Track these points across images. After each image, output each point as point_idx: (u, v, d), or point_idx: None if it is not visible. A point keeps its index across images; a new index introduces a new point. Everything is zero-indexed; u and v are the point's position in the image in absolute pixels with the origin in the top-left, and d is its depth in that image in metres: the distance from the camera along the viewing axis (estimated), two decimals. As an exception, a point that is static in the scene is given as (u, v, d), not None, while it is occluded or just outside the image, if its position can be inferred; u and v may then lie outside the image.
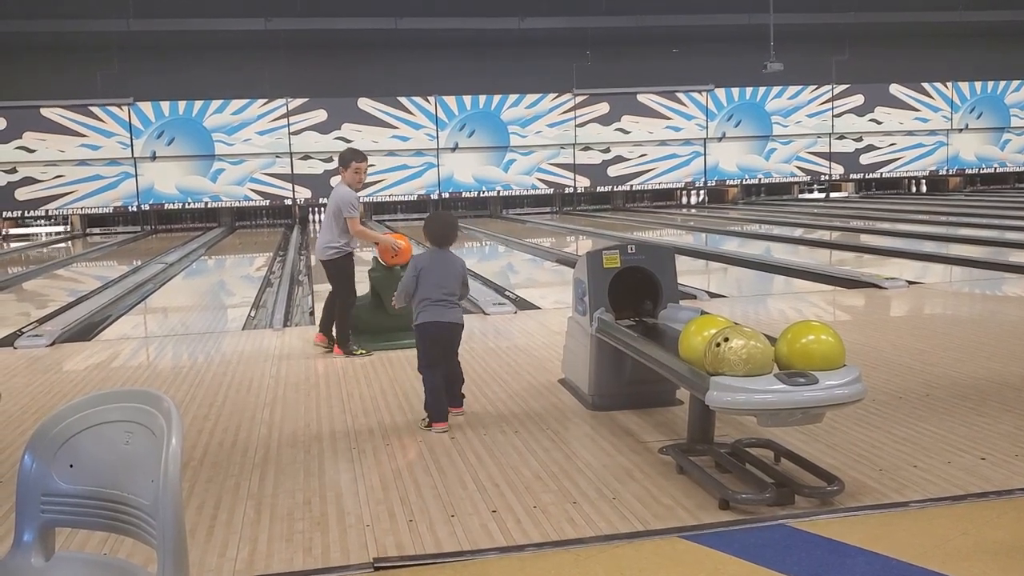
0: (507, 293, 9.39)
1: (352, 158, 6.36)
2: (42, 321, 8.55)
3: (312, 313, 8.76)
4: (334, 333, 6.48)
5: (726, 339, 3.23)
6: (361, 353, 6.32)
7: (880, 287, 8.52)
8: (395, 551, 3.10)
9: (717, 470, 3.66)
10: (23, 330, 7.96)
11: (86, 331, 8.15)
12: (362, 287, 6.65)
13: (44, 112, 20.64)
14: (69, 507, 1.89)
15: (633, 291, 4.84)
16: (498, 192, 23.08)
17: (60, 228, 21.49)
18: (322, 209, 22.29)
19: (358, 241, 6.42)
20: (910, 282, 8.81)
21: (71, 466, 1.89)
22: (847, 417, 4.27)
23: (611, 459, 3.95)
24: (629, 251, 4.79)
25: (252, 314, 8.95)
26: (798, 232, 15.77)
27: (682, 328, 4.33)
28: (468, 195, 22.98)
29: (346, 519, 3.39)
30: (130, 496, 1.82)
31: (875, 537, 3.05)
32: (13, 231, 21.19)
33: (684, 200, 24.43)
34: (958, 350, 5.84)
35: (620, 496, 3.50)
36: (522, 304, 8.57)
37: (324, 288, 7.02)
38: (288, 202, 22.03)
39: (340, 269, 6.32)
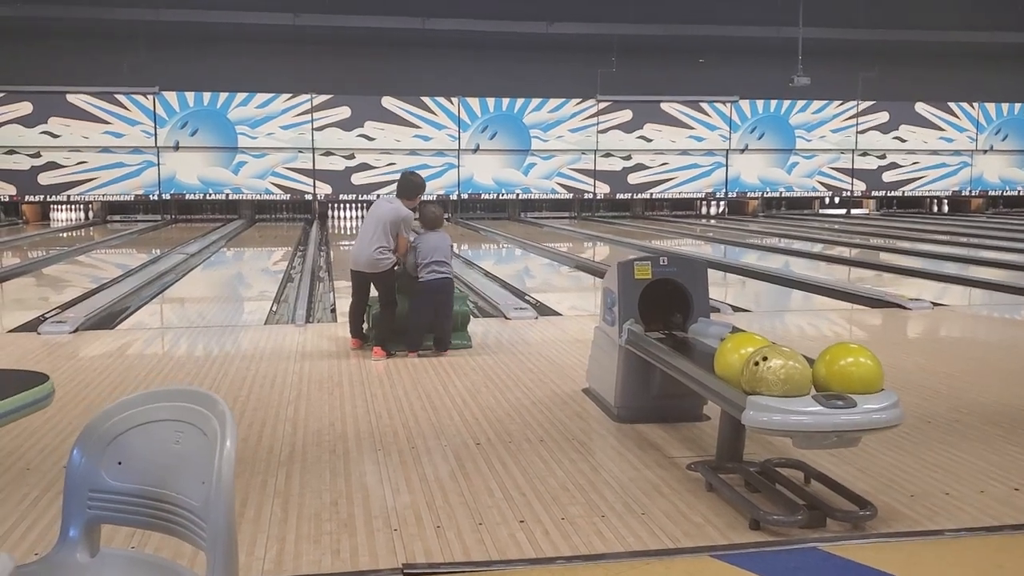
0: (527, 297, 9.37)
1: (422, 191, 6.46)
2: (64, 307, 8.59)
3: (334, 311, 8.77)
4: (372, 334, 6.45)
5: (764, 358, 3.20)
6: (400, 353, 6.32)
7: (904, 307, 8.45)
8: (423, 557, 3.09)
9: (746, 489, 3.63)
10: (46, 316, 7.99)
11: (108, 319, 8.19)
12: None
13: (70, 98, 20.79)
14: (116, 504, 1.88)
15: (662, 303, 4.81)
16: (517, 195, 23.08)
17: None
18: (344, 205, 22.37)
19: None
20: (934, 303, 8.73)
21: (119, 463, 1.88)
22: (876, 440, 4.22)
23: (638, 473, 3.92)
24: (661, 263, 4.76)
25: (274, 309, 8.97)
26: (818, 247, 15.68)
27: (712, 343, 4.33)
28: (487, 197, 22.99)
29: (373, 522, 3.38)
30: (178, 496, 1.81)
31: (908, 565, 3.02)
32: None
33: (704, 211, 24.37)
34: (986, 375, 5.78)
35: (649, 512, 3.48)
36: (542, 309, 8.54)
37: (344, 285, 7.02)
38: (308, 197, 22.10)
39: (390, 278, 6.34)
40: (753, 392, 3.21)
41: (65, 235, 18.82)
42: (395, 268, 6.37)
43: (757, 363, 3.21)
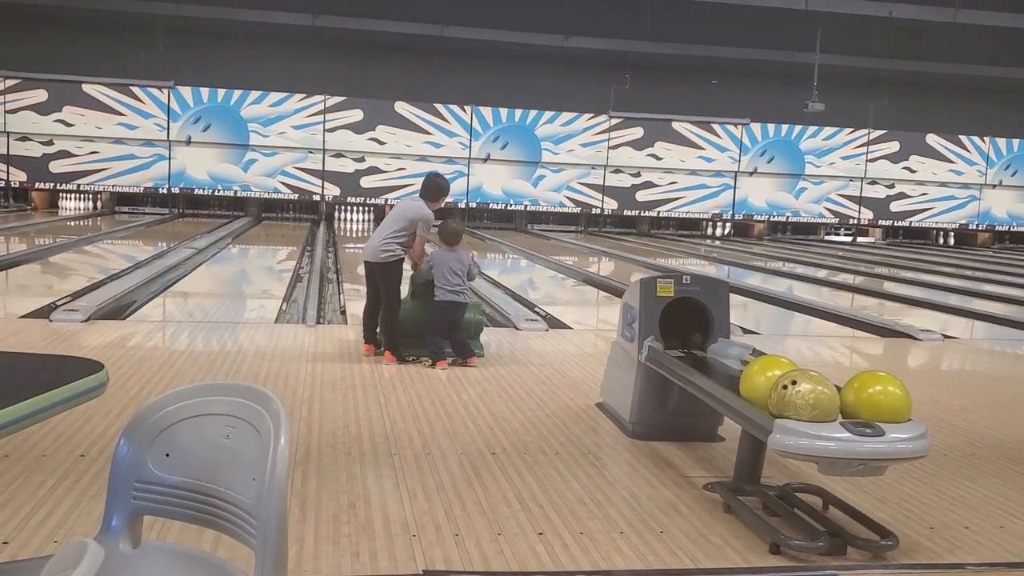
0: (536, 309, 9.37)
1: (446, 193, 6.52)
2: (74, 296, 8.58)
3: (343, 312, 8.76)
4: (382, 338, 6.44)
5: (793, 382, 3.20)
6: (412, 359, 6.29)
7: (914, 338, 8.44)
8: (443, 565, 3.07)
9: (765, 512, 3.62)
10: (56, 303, 7.98)
11: (118, 310, 8.18)
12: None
13: (85, 88, 20.83)
14: (161, 496, 1.87)
15: (681, 322, 4.81)
16: (525, 207, 23.11)
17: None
18: (352, 208, 22.39)
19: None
20: (945, 336, 8.72)
21: (167, 455, 1.88)
22: (894, 470, 4.20)
23: (655, 491, 3.91)
24: (684, 281, 4.77)
25: (284, 308, 8.96)
26: (822, 273, 15.69)
27: (733, 364, 4.34)
28: (495, 207, 23.02)
29: (391, 527, 3.37)
30: (226, 491, 1.80)
31: (929, 597, 3.01)
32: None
33: (709, 231, 24.40)
34: (999, 410, 5.78)
35: (667, 530, 3.46)
36: (552, 322, 8.53)
37: (352, 288, 6.99)
38: (316, 198, 22.12)
39: (395, 273, 6.33)
40: (780, 415, 3.20)
41: (73, 224, 18.83)
42: (402, 263, 6.35)
43: (786, 387, 3.20)
